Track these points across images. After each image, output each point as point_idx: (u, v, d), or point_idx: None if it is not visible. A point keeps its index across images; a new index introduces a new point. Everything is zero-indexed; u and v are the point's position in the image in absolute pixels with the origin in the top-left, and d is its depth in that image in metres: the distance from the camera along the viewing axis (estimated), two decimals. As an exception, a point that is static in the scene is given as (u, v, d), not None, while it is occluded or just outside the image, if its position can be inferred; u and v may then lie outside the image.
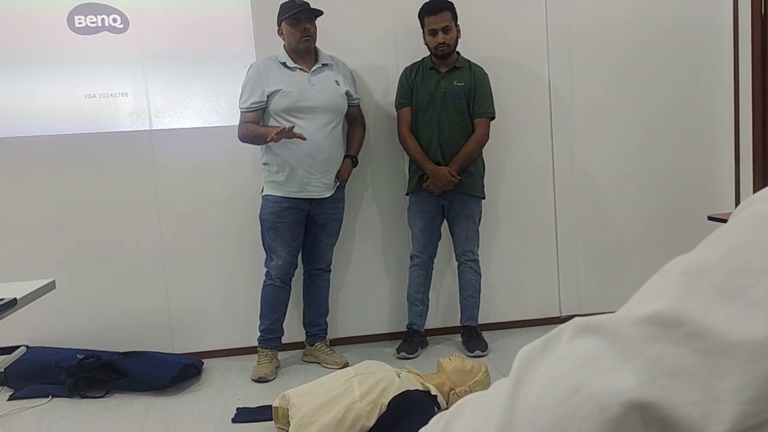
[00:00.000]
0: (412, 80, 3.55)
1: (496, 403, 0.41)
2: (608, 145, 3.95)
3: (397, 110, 3.60)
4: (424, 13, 3.48)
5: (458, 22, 3.50)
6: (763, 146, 3.79)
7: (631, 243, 4.00)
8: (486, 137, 3.55)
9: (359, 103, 3.63)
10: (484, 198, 3.63)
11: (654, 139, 3.98)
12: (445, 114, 3.48)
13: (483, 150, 3.68)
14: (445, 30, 3.44)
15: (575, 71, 3.89)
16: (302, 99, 3.35)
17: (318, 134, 3.35)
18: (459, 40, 3.52)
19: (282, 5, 3.41)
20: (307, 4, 3.38)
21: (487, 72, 3.58)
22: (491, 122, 3.61)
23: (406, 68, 3.61)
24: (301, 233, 3.50)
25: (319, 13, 3.40)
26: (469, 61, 3.58)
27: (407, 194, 3.66)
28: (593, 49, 3.88)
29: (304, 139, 3.24)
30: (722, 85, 3.96)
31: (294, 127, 3.21)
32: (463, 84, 3.50)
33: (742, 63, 3.85)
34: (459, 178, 3.48)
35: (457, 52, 3.55)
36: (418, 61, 3.59)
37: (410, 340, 3.67)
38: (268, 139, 3.23)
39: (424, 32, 3.51)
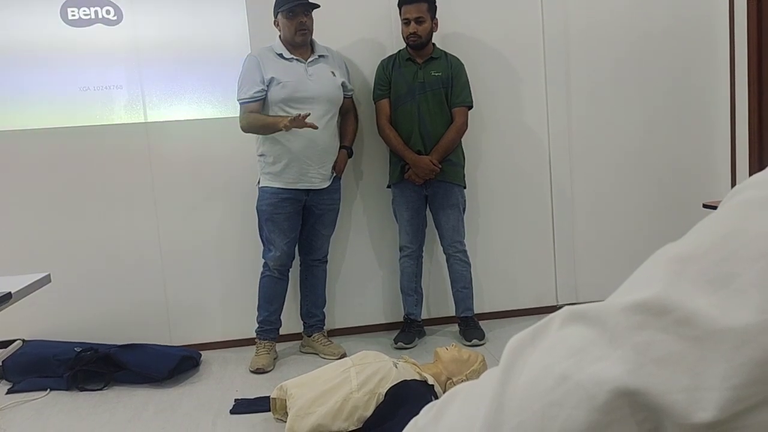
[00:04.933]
0: (389, 72, 3.56)
1: (486, 392, 0.41)
2: (605, 134, 3.95)
3: (375, 102, 3.62)
4: (401, 2, 3.50)
5: (436, 16, 3.51)
6: (759, 136, 3.79)
7: (628, 231, 4.01)
8: (465, 126, 3.57)
9: (353, 95, 3.63)
10: (465, 187, 3.64)
11: (651, 128, 3.98)
12: (424, 104, 3.50)
13: (479, 139, 3.67)
14: (418, 21, 3.45)
15: (572, 60, 3.88)
16: (300, 90, 3.34)
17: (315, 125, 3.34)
18: (435, 33, 3.54)
19: None
20: None
21: (463, 62, 3.60)
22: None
23: (383, 60, 3.62)
24: (299, 224, 3.50)
25: (315, 6, 3.38)
26: (444, 51, 3.60)
27: (388, 186, 3.67)
28: (590, 40, 3.88)
29: (316, 127, 3.22)
30: (718, 75, 3.96)
31: (309, 114, 3.17)
32: (440, 74, 3.52)
33: (738, 53, 3.85)
34: (440, 167, 3.49)
35: (433, 44, 3.56)
36: (394, 54, 3.61)
37: (408, 330, 3.68)
38: (281, 127, 3.19)
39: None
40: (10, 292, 1.99)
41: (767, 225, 0.36)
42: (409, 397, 2.49)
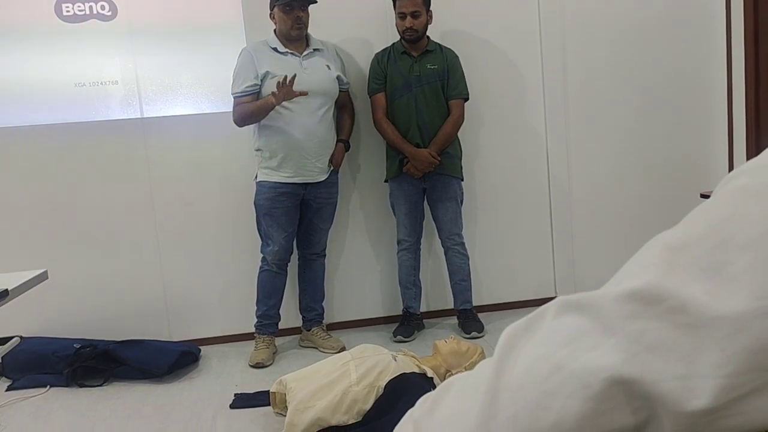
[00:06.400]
0: (384, 65, 3.54)
1: (481, 383, 0.41)
2: (603, 124, 3.95)
3: (370, 96, 3.60)
4: None
5: (430, 8, 3.49)
6: (756, 125, 3.79)
7: (626, 222, 4.01)
8: (462, 118, 3.57)
9: (348, 88, 3.62)
10: (462, 179, 3.63)
11: (648, 118, 3.97)
12: (421, 97, 3.48)
13: (477, 131, 3.66)
14: (414, 15, 3.42)
15: (568, 52, 3.87)
16: (295, 83, 3.33)
17: (311, 118, 3.34)
18: (429, 26, 3.51)
19: None
20: None
21: (458, 54, 3.58)
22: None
23: (377, 54, 3.60)
24: (297, 218, 3.49)
25: (312, 1, 3.37)
26: (439, 44, 3.58)
27: (386, 181, 3.67)
28: (586, 30, 3.86)
29: (306, 94, 3.21)
30: (715, 65, 3.96)
31: (295, 76, 3.16)
32: (436, 67, 3.50)
33: (735, 42, 3.84)
34: (439, 159, 3.48)
35: (428, 36, 3.54)
36: (389, 47, 3.59)
37: (406, 324, 3.68)
38: (272, 103, 3.18)
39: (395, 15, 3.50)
40: (7, 289, 1.99)
41: (760, 212, 0.36)
42: (409, 389, 2.49)
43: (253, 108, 3.30)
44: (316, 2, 3.38)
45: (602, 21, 3.87)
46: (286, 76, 3.14)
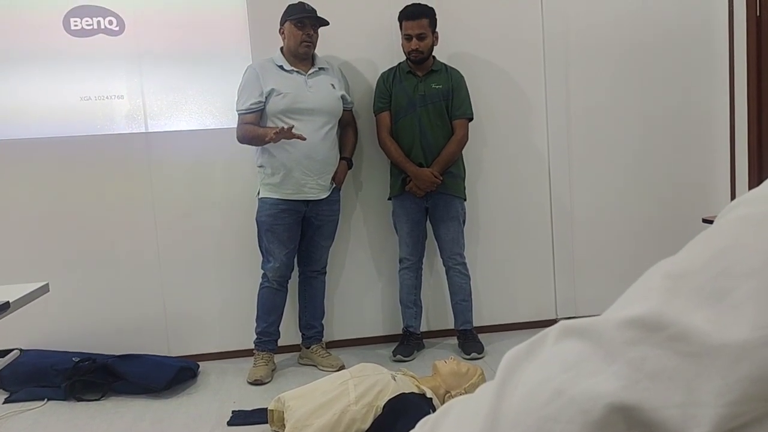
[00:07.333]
0: (390, 84, 3.57)
1: (481, 406, 0.41)
2: (605, 147, 3.96)
3: (375, 115, 3.62)
4: (402, 17, 3.49)
5: (437, 29, 3.52)
6: (759, 149, 3.80)
7: (627, 245, 4.01)
8: (466, 138, 3.58)
9: (352, 108, 3.65)
10: (465, 199, 3.64)
11: (650, 142, 3.98)
12: (425, 116, 3.50)
13: (480, 151, 3.67)
14: (420, 37, 3.45)
15: (571, 73, 3.90)
16: (299, 101, 3.35)
17: (314, 136, 3.35)
18: (435, 47, 3.54)
19: (290, 6, 3.41)
20: (315, 11, 3.39)
21: (463, 75, 3.61)
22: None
23: (383, 73, 3.62)
24: (298, 235, 3.50)
25: (325, 23, 3.41)
26: (444, 64, 3.61)
27: (389, 199, 3.68)
28: (589, 52, 3.89)
29: (304, 139, 3.23)
30: (718, 88, 3.97)
31: (293, 127, 3.20)
32: (441, 86, 3.52)
33: (738, 66, 3.86)
34: (441, 179, 3.49)
35: (433, 56, 3.57)
36: (395, 66, 3.62)
37: (406, 343, 3.67)
38: (267, 139, 3.22)
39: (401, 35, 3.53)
40: (8, 302, 1.99)
41: (761, 241, 0.36)
42: (408, 410, 2.47)
43: (254, 134, 3.33)
44: (328, 24, 3.42)
45: (606, 44, 3.89)
46: (284, 127, 3.17)
